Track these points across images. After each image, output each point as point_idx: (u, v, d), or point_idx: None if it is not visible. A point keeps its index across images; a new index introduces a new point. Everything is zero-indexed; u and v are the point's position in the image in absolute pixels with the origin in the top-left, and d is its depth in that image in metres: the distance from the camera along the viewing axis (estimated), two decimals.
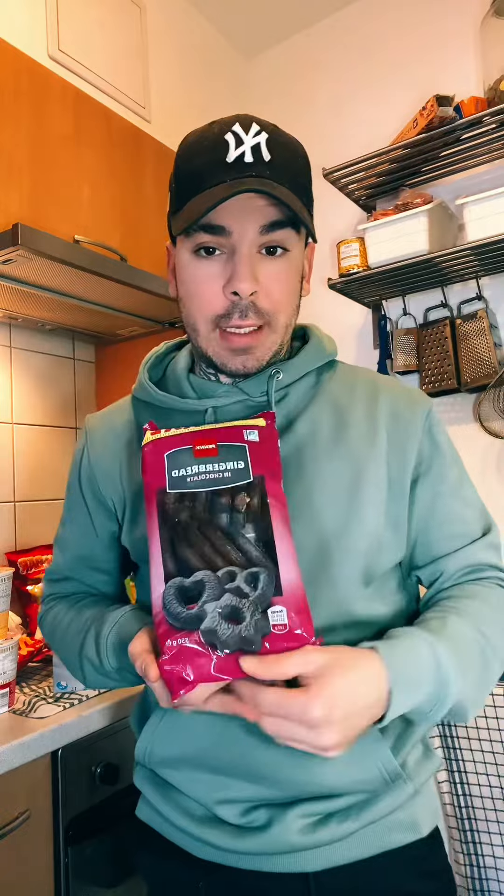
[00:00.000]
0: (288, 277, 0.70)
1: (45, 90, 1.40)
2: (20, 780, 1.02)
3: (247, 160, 0.65)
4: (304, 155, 0.71)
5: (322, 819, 0.67)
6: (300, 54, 2.36)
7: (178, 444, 0.66)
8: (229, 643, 0.55)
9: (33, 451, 1.73)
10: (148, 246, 1.64)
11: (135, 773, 0.79)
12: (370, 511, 0.71)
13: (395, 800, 0.68)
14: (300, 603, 0.57)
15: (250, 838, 0.67)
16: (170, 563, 0.60)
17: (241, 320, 0.68)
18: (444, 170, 1.92)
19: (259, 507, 0.61)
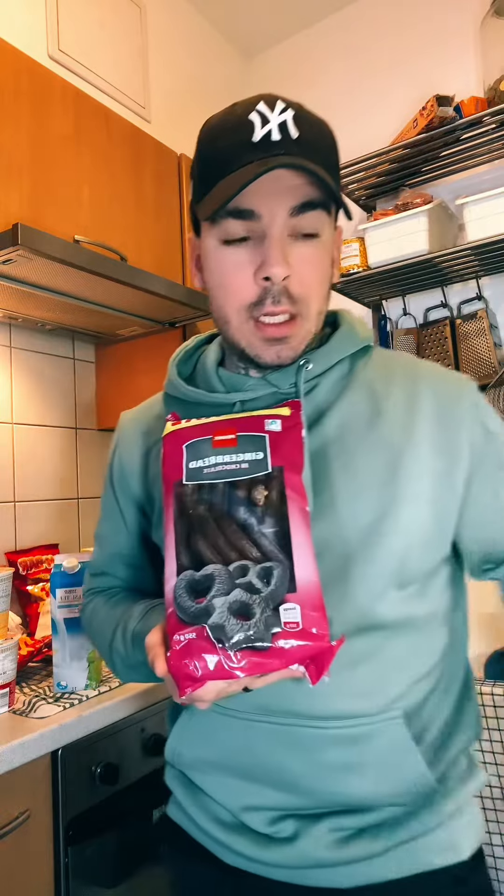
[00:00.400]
0: (320, 261, 0.67)
1: (45, 90, 1.40)
2: (20, 780, 1.02)
3: (274, 138, 0.62)
4: (332, 133, 0.68)
5: (353, 834, 0.64)
6: (300, 54, 2.36)
7: (197, 434, 0.64)
8: (237, 639, 0.53)
9: (33, 451, 1.73)
10: (148, 246, 1.64)
11: (165, 771, 0.78)
12: (408, 507, 0.65)
13: (433, 818, 0.64)
14: (315, 601, 0.55)
15: (277, 849, 0.65)
16: (183, 556, 0.58)
17: (273, 306, 0.65)
18: (444, 170, 1.92)
19: (277, 500, 0.59)
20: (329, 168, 0.64)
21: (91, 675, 1.21)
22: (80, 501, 1.86)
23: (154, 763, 1.24)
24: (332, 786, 0.64)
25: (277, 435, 0.62)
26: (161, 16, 2.11)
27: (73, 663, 1.21)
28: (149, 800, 1.22)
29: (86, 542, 1.86)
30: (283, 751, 0.65)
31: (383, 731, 0.63)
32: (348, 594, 0.64)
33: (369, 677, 0.64)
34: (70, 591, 1.22)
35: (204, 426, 0.65)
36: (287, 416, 0.64)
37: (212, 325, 2.02)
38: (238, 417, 0.65)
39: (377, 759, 0.63)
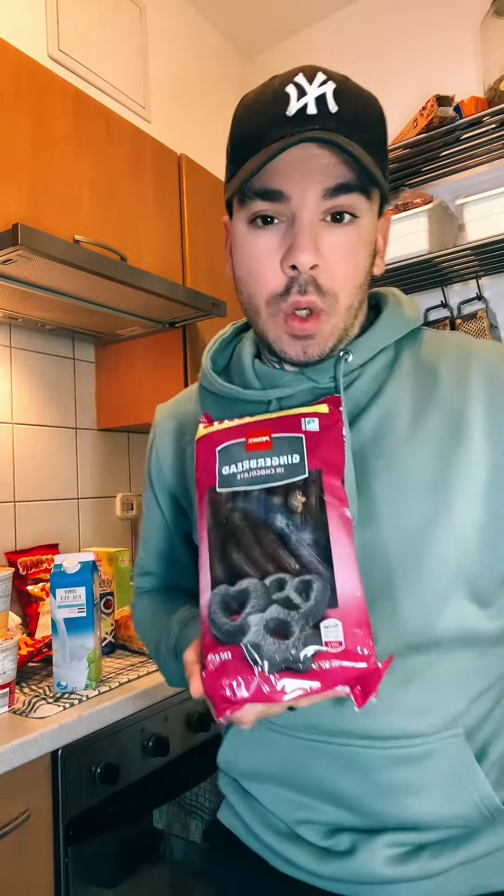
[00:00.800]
0: (355, 250, 0.60)
1: (45, 90, 1.40)
2: (20, 780, 1.02)
3: (310, 112, 0.56)
4: (380, 109, 0.61)
5: (412, 851, 0.60)
6: (300, 54, 2.36)
7: (230, 437, 0.60)
8: (274, 661, 0.49)
9: (33, 451, 1.73)
10: (148, 246, 1.64)
11: (218, 777, 0.76)
12: (461, 510, 0.59)
13: (498, 838, 0.60)
14: (359, 617, 0.50)
15: (334, 862, 0.62)
16: (218, 568, 0.54)
17: (299, 296, 0.59)
18: (444, 170, 1.92)
19: (315, 507, 0.54)
20: (371, 148, 0.58)
21: (91, 675, 1.21)
22: (80, 501, 1.86)
23: (154, 763, 1.24)
24: (391, 807, 0.60)
25: (315, 435, 0.58)
26: (161, 16, 2.11)
27: (73, 663, 1.21)
28: (149, 800, 1.22)
29: (86, 542, 1.86)
30: (338, 770, 0.62)
31: (442, 750, 0.59)
32: (397, 609, 0.59)
33: (424, 695, 0.60)
34: (70, 591, 1.22)
35: (237, 428, 0.61)
36: (325, 414, 0.59)
37: (212, 325, 2.02)
38: (273, 417, 0.61)
39: (437, 779, 0.59)
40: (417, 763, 0.59)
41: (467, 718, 0.61)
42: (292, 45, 2.38)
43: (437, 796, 0.59)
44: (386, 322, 0.67)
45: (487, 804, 0.59)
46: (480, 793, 0.59)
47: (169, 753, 1.25)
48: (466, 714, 0.61)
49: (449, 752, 0.59)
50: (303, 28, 2.34)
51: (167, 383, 1.77)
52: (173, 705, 1.29)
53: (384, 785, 0.60)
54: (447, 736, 0.59)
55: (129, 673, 1.31)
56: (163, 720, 1.26)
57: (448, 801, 0.59)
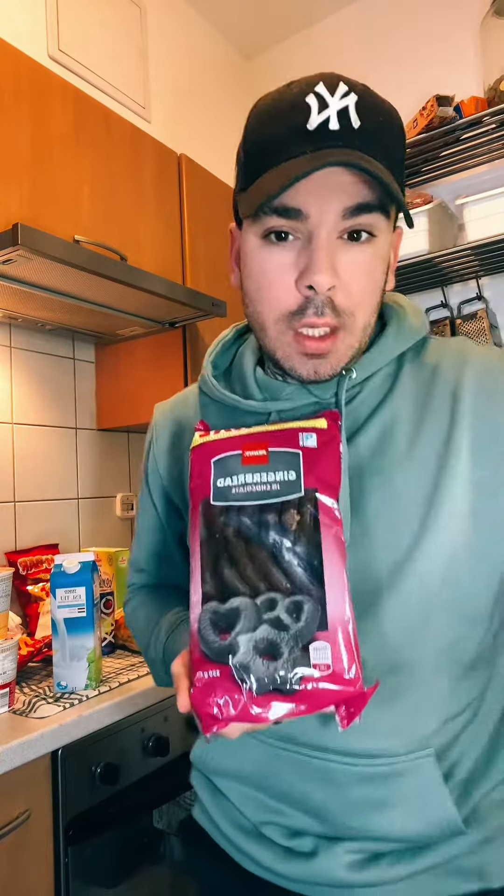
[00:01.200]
0: (372, 270, 0.59)
1: (45, 90, 1.40)
2: (20, 780, 1.02)
3: (332, 127, 0.54)
4: (400, 123, 0.60)
5: (372, 857, 0.61)
6: (300, 54, 2.36)
7: (226, 448, 0.59)
8: (262, 682, 0.49)
9: (33, 451, 1.73)
10: (148, 246, 1.64)
11: (192, 773, 0.77)
12: (447, 527, 0.58)
13: (457, 848, 0.61)
14: (348, 640, 0.50)
15: (296, 863, 0.63)
16: (210, 584, 0.54)
17: (316, 318, 0.58)
18: (444, 170, 1.92)
19: (309, 526, 0.54)
20: (392, 165, 0.57)
21: (91, 675, 1.21)
22: (80, 501, 1.86)
23: (154, 763, 1.24)
24: (357, 820, 0.61)
25: (312, 452, 0.57)
26: (161, 16, 2.12)
27: (73, 663, 1.21)
28: (149, 800, 1.22)
29: (86, 542, 1.86)
30: (308, 781, 0.63)
31: (412, 769, 0.60)
32: (379, 628, 0.59)
33: (400, 716, 0.60)
34: (70, 591, 1.22)
35: (234, 439, 0.60)
36: (324, 430, 0.58)
37: (212, 326, 2.01)
38: (270, 430, 0.60)
39: (404, 798, 0.60)
40: (386, 781, 0.60)
41: (439, 739, 0.61)
42: (292, 45, 2.38)
43: (403, 814, 0.60)
44: (391, 338, 0.66)
45: (451, 824, 0.60)
46: (445, 814, 0.59)
47: (169, 753, 1.25)
48: (439, 735, 0.61)
49: (418, 773, 0.60)
50: (303, 28, 2.34)
51: (167, 383, 1.77)
52: (173, 705, 1.29)
53: (352, 799, 0.61)
54: (419, 756, 0.60)
55: (129, 673, 1.31)
56: (163, 720, 1.26)
57: (413, 820, 0.60)
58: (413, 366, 0.66)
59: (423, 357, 0.67)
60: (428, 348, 0.68)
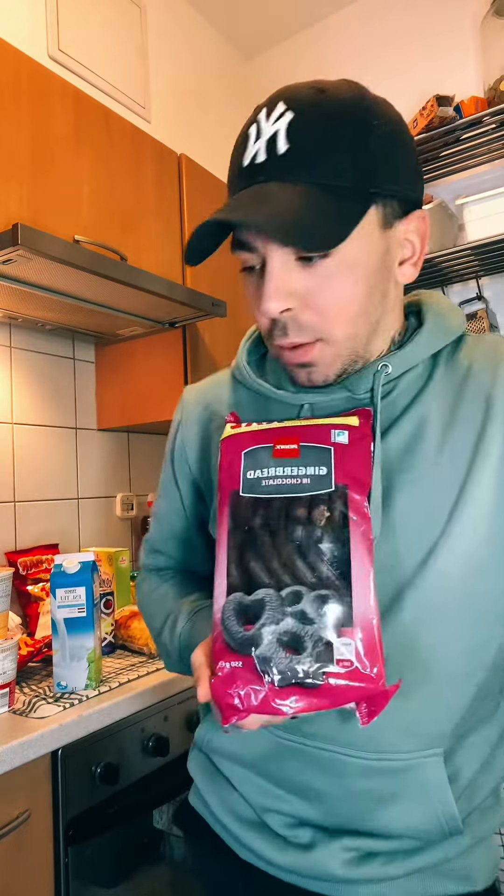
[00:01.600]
0: (337, 283, 0.58)
1: (45, 90, 1.40)
2: (20, 780, 1.02)
3: (258, 161, 0.56)
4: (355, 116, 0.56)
5: (366, 856, 0.62)
6: (300, 54, 2.36)
7: (257, 441, 0.60)
8: (284, 675, 0.49)
9: (33, 451, 1.73)
10: (148, 246, 1.64)
11: (189, 757, 0.77)
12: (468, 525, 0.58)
13: (449, 851, 0.62)
14: (372, 638, 0.50)
15: (291, 854, 0.64)
16: (235, 574, 0.54)
17: (282, 339, 0.60)
18: (444, 170, 1.92)
19: (338, 522, 0.54)
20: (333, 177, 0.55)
21: (91, 675, 1.21)
22: (80, 501, 1.86)
23: (154, 763, 1.24)
24: (359, 812, 0.62)
25: (344, 448, 0.57)
26: (161, 16, 2.11)
27: (73, 663, 1.21)
28: (149, 800, 1.22)
29: (86, 542, 1.86)
30: (313, 771, 0.63)
31: (419, 767, 0.60)
32: (399, 624, 0.59)
33: (413, 714, 0.60)
34: (70, 591, 1.22)
35: (265, 432, 0.60)
36: (355, 427, 0.58)
37: (212, 325, 2.02)
38: (302, 425, 0.60)
39: (407, 793, 0.61)
40: (392, 776, 0.60)
41: (448, 740, 0.61)
42: (292, 45, 2.38)
43: (404, 809, 0.60)
44: (427, 335, 0.65)
45: (450, 824, 0.60)
46: (447, 813, 0.60)
47: (169, 753, 1.25)
48: (449, 737, 0.61)
49: (424, 771, 0.60)
50: (303, 28, 2.34)
51: (167, 383, 1.77)
52: (173, 705, 1.29)
53: (355, 791, 0.61)
54: (426, 755, 0.60)
55: (129, 673, 1.31)
56: (163, 720, 1.26)
57: (413, 815, 0.60)
58: (448, 364, 0.66)
59: (458, 355, 0.66)
60: (463, 346, 0.67)
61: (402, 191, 0.60)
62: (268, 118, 0.56)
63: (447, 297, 0.71)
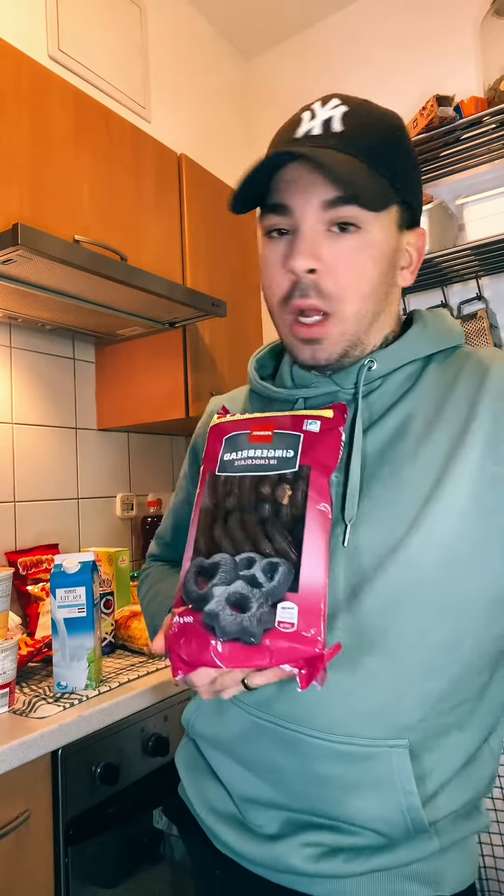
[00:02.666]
0: (359, 257, 0.62)
1: (45, 90, 1.40)
2: (20, 780, 1.02)
3: (314, 133, 0.61)
4: (395, 124, 0.65)
5: (329, 852, 0.63)
6: (300, 54, 2.36)
7: (238, 428, 0.65)
8: (228, 630, 0.53)
9: (33, 451, 1.73)
10: (148, 246, 1.64)
11: (178, 748, 0.81)
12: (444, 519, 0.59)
13: (414, 853, 0.62)
14: (315, 604, 0.53)
15: (258, 845, 0.66)
16: (201, 542, 0.59)
17: (301, 300, 0.63)
18: (444, 170, 1.92)
19: (299, 500, 0.58)
20: (374, 160, 0.61)
21: (91, 675, 1.21)
22: (80, 501, 1.86)
23: (154, 763, 1.24)
24: (324, 796, 0.63)
25: (314, 436, 0.61)
26: (161, 16, 2.11)
27: (73, 663, 1.21)
28: (149, 800, 1.22)
29: (86, 542, 1.86)
30: (280, 751, 0.64)
31: (384, 755, 0.61)
32: (363, 606, 0.60)
33: (380, 700, 0.61)
34: (70, 591, 1.22)
35: (246, 421, 0.66)
36: (328, 419, 0.63)
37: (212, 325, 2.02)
38: (281, 415, 0.65)
39: (371, 780, 0.61)
40: (356, 762, 0.61)
41: (415, 734, 0.61)
42: (292, 45, 2.38)
43: (368, 796, 0.61)
44: (413, 336, 0.69)
45: (413, 817, 0.60)
46: (409, 804, 0.60)
47: (169, 753, 1.25)
48: (416, 730, 0.61)
49: (389, 760, 0.61)
50: (303, 28, 2.34)
51: (167, 383, 1.77)
52: (173, 705, 1.29)
53: (321, 775, 0.62)
54: (392, 745, 0.61)
55: (129, 673, 1.31)
56: (163, 720, 1.27)
57: (376, 804, 0.61)
58: (438, 369, 0.69)
59: (449, 362, 0.69)
60: (456, 356, 0.70)
61: (414, 204, 0.67)
62: (323, 106, 0.63)
63: (448, 314, 0.75)
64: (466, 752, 0.64)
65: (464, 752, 0.64)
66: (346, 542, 0.62)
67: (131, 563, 1.92)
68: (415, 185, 0.67)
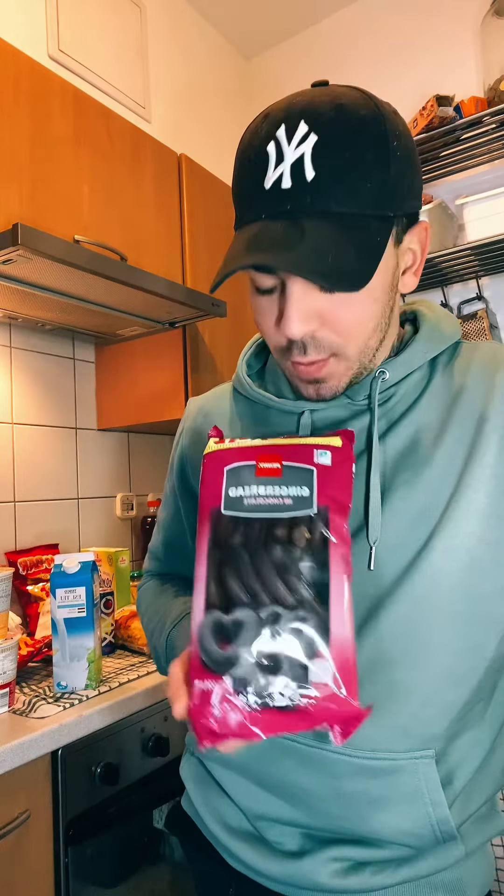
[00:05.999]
0: (356, 304, 0.59)
1: (45, 90, 1.40)
2: (20, 780, 1.02)
3: (284, 186, 0.55)
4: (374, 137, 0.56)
5: (355, 866, 0.61)
6: (300, 54, 2.36)
7: (240, 458, 0.59)
8: (261, 696, 0.49)
9: (33, 451, 1.73)
10: (148, 246, 1.64)
11: (182, 762, 0.78)
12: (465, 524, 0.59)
13: (441, 861, 0.61)
14: (348, 660, 0.50)
15: (280, 863, 0.64)
16: (213, 591, 0.54)
17: (301, 357, 0.61)
18: (444, 170, 1.92)
19: (319, 544, 0.54)
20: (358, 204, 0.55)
21: (91, 675, 1.21)
22: (80, 501, 1.86)
23: (154, 763, 1.24)
24: (349, 814, 0.61)
25: (326, 469, 0.57)
26: (161, 16, 2.11)
27: (73, 663, 1.21)
28: (149, 800, 1.22)
29: (86, 542, 1.86)
30: (303, 771, 0.63)
31: (410, 768, 0.60)
32: (389, 622, 0.59)
33: (407, 713, 0.60)
34: (70, 591, 1.22)
35: (248, 450, 0.60)
36: (338, 448, 0.58)
37: (212, 326, 2.01)
38: (285, 444, 0.60)
39: (399, 795, 0.60)
40: (383, 777, 0.60)
41: (441, 742, 0.61)
42: (292, 46, 2.38)
43: (396, 811, 0.60)
44: (423, 342, 0.67)
45: (443, 828, 0.59)
46: (438, 816, 0.59)
47: (169, 753, 1.25)
48: (441, 738, 0.61)
49: (416, 772, 0.59)
50: (303, 28, 2.34)
51: (167, 383, 1.77)
52: None
53: (346, 792, 0.60)
54: (418, 756, 0.60)
55: (129, 673, 1.31)
56: (163, 720, 1.26)
57: (405, 818, 0.60)
58: (445, 369, 0.67)
59: (455, 361, 0.68)
60: (460, 352, 0.69)
61: (412, 207, 0.61)
62: (289, 140, 0.55)
63: (439, 305, 0.73)
64: (483, 748, 0.64)
65: (481, 750, 0.64)
66: (373, 565, 0.60)
67: (131, 563, 1.92)
68: (411, 189, 0.60)
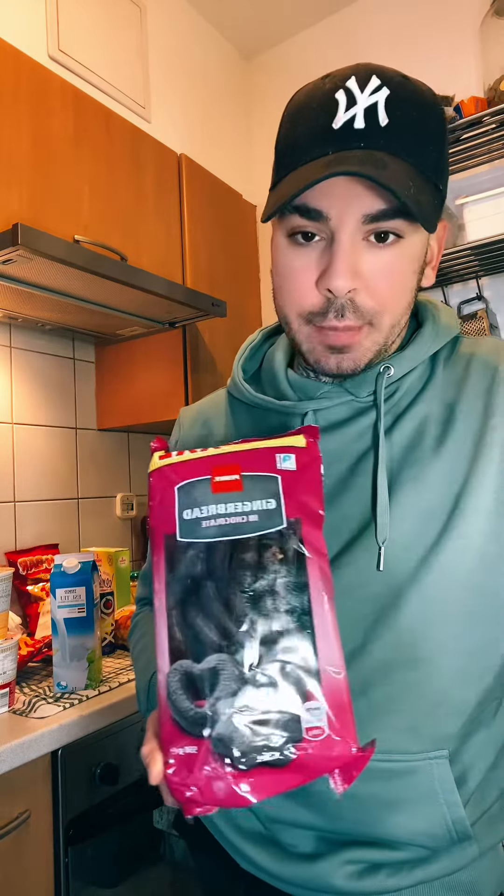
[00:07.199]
0: (399, 269, 0.57)
1: (45, 90, 1.40)
2: (20, 780, 1.02)
3: (357, 126, 0.53)
4: (439, 112, 0.57)
5: (371, 868, 0.60)
6: (300, 55, 2.36)
7: (192, 472, 0.51)
8: (248, 756, 0.42)
9: (33, 451, 1.73)
10: (148, 246, 1.64)
11: None
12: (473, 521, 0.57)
13: (456, 861, 0.60)
14: (340, 698, 0.44)
15: (294, 866, 0.62)
16: (179, 637, 0.46)
17: (336, 321, 0.58)
18: None
19: (293, 563, 0.47)
20: (422, 163, 0.55)
21: (91, 675, 1.21)
22: (80, 501, 1.86)
23: None
24: (364, 816, 0.60)
25: (292, 475, 0.50)
26: (161, 16, 2.11)
27: (73, 663, 1.21)
28: (149, 800, 1.22)
29: (86, 542, 1.86)
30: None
31: (425, 769, 0.59)
32: (398, 619, 0.58)
33: (416, 713, 0.59)
34: (70, 591, 1.22)
35: (200, 462, 0.52)
36: (302, 449, 0.52)
37: (212, 326, 2.02)
38: (242, 450, 0.53)
39: (414, 796, 0.59)
40: (397, 778, 0.59)
41: (454, 742, 0.60)
42: (292, 46, 2.38)
43: (411, 812, 0.59)
44: (427, 336, 0.66)
45: (458, 828, 0.59)
46: (454, 816, 0.58)
47: None
48: (455, 737, 0.60)
49: (431, 772, 0.59)
50: (303, 28, 2.34)
51: (167, 383, 1.77)
52: None
53: (360, 795, 0.59)
54: (433, 757, 0.59)
55: (129, 673, 1.30)
56: None
57: (420, 819, 0.59)
58: (447, 364, 0.66)
59: (456, 355, 0.67)
60: (461, 346, 0.68)
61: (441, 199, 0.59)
62: (361, 88, 0.54)
63: (438, 300, 0.71)
64: (496, 746, 0.63)
65: (494, 748, 0.63)
66: (382, 566, 0.59)
67: (131, 563, 1.92)
68: (447, 174, 0.60)
